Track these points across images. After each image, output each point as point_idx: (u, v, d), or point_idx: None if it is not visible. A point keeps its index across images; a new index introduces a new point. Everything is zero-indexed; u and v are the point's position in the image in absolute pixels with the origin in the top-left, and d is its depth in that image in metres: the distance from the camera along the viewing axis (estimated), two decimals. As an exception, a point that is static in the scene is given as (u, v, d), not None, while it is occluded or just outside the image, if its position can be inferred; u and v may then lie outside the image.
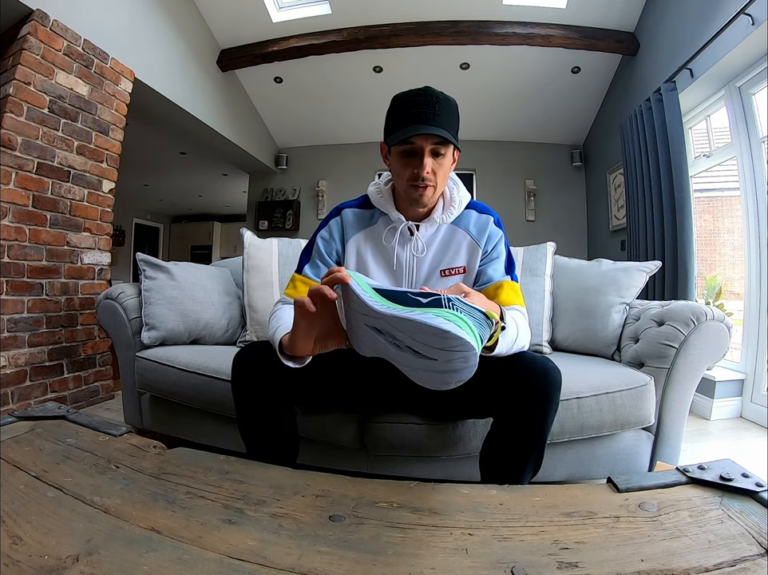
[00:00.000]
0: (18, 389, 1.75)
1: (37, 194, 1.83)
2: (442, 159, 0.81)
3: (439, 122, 0.76)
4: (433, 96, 0.77)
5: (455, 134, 0.80)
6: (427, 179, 0.80)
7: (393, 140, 0.79)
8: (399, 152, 0.82)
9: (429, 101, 0.77)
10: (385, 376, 0.92)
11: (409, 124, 0.77)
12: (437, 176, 0.82)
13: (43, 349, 1.87)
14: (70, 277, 2.00)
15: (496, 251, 0.91)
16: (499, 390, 0.74)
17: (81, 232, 2.05)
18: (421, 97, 0.77)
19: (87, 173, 2.06)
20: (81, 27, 2.00)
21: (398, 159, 0.83)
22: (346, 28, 3.08)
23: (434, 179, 0.81)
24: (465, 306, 0.51)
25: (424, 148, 0.78)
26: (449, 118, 0.78)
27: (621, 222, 3.19)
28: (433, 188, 0.82)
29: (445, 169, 0.83)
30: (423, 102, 0.77)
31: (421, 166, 0.79)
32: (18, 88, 1.73)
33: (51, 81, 1.86)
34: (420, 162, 0.79)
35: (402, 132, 0.77)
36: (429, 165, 0.79)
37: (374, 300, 0.52)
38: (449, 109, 0.79)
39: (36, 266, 1.83)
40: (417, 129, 0.76)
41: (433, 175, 0.80)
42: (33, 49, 1.79)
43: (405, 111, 0.78)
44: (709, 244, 2.59)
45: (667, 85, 2.33)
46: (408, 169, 0.81)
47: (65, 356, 1.97)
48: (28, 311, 1.80)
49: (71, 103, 1.96)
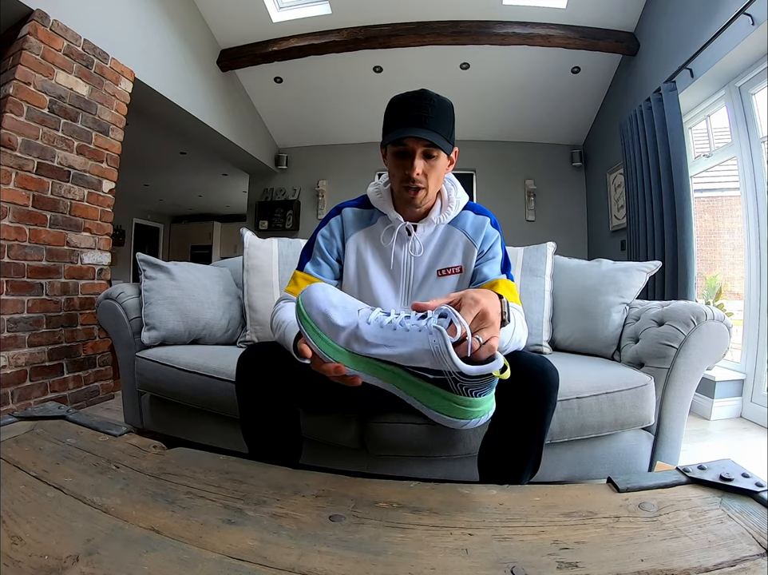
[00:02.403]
0: (18, 389, 1.75)
1: (37, 194, 1.83)
2: (435, 161, 0.81)
3: (431, 125, 0.77)
4: (428, 99, 0.78)
5: (449, 136, 0.80)
6: (418, 180, 0.81)
7: (385, 141, 0.81)
8: (393, 153, 0.83)
9: (422, 104, 0.77)
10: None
11: (401, 126, 0.78)
12: (429, 179, 0.82)
13: (43, 349, 1.87)
14: (70, 277, 2.00)
15: (493, 251, 0.92)
16: (497, 389, 0.74)
17: (81, 232, 2.05)
18: (415, 99, 0.78)
19: (87, 173, 2.06)
20: (81, 27, 2.00)
21: (392, 160, 0.84)
22: (346, 28, 3.08)
23: (425, 181, 0.82)
24: (474, 383, 0.47)
25: (415, 150, 0.79)
26: (443, 121, 0.79)
27: (621, 222, 3.19)
28: (424, 190, 0.83)
29: (438, 171, 0.83)
30: (417, 105, 0.78)
31: (411, 167, 0.80)
32: (18, 88, 1.73)
33: (51, 81, 1.86)
34: (411, 164, 0.80)
35: (394, 133, 0.78)
36: (420, 167, 0.80)
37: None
38: (444, 111, 0.79)
39: (36, 266, 1.83)
40: (407, 132, 0.77)
41: (424, 177, 0.81)
42: (33, 49, 1.79)
43: (400, 113, 0.80)
44: (709, 244, 2.59)
45: (667, 85, 2.33)
46: (400, 170, 0.82)
47: (65, 356, 1.97)
48: (28, 311, 1.80)
49: (71, 103, 1.96)
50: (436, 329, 0.47)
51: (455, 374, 0.46)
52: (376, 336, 0.50)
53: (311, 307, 0.52)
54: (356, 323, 0.51)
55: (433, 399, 0.49)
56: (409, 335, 0.49)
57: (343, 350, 0.52)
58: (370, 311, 0.54)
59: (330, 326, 0.51)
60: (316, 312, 0.52)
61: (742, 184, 2.09)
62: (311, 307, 0.52)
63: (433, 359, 0.47)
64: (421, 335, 0.48)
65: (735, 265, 2.33)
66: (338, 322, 0.51)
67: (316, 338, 0.52)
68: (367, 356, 0.51)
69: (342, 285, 0.97)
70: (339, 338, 0.51)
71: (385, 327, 0.50)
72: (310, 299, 0.53)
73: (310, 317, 0.52)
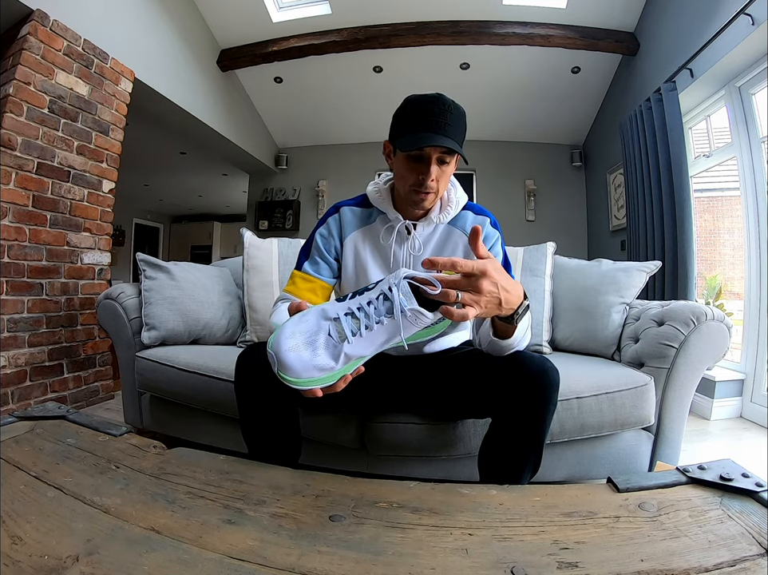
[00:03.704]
0: (18, 389, 1.75)
1: (37, 194, 1.83)
2: (447, 167, 0.82)
3: (449, 132, 0.77)
4: (446, 105, 0.77)
5: (462, 143, 0.81)
6: (431, 187, 0.81)
7: (404, 146, 0.78)
8: (405, 155, 0.82)
9: (441, 110, 0.77)
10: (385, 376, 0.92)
11: (420, 132, 0.77)
12: (440, 184, 0.83)
13: (43, 349, 1.87)
14: (70, 277, 2.00)
15: (493, 251, 0.92)
16: (497, 390, 0.74)
17: (81, 232, 2.05)
18: (434, 105, 0.77)
19: (87, 173, 2.06)
20: (81, 27, 2.00)
21: (404, 162, 0.83)
22: (346, 28, 3.08)
23: (437, 186, 0.82)
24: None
25: (431, 157, 0.79)
26: (459, 128, 0.79)
27: (621, 222, 3.19)
28: (434, 194, 0.84)
29: (447, 176, 0.84)
30: (436, 111, 0.77)
31: (427, 173, 0.79)
32: (18, 88, 1.73)
33: (51, 81, 1.86)
34: (426, 169, 0.79)
35: (413, 138, 0.77)
36: (435, 173, 0.80)
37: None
38: (459, 118, 0.79)
39: (36, 266, 1.83)
40: (429, 139, 0.76)
41: (436, 182, 0.81)
42: (33, 49, 1.79)
43: (418, 117, 0.78)
44: (709, 244, 2.59)
45: (667, 85, 2.33)
46: (413, 175, 0.82)
47: (65, 356, 1.97)
48: (28, 311, 1.80)
49: (71, 103, 1.96)
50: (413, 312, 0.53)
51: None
52: (366, 347, 0.55)
53: (299, 373, 0.52)
54: (342, 353, 0.53)
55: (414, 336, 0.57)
56: (388, 326, 0.54)
57: (346, 368, 0.55)
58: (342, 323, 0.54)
59: (326, 371, 0.53)
60: (310, 372, 0.52)
61: (742, 184, 2.09)
62: (299, 373, 0.52)
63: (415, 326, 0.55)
64: (397, 320, 0.54)
65: (735, 265, 2.33)
66: (332, 365, 0.53)
67: (320, 382, 0.54)
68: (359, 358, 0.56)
69: (340, 284, 0.97)
70: (338, 367, 0.54)
71: (366, 335, 0.54)
72: (294, 367, 0.52)
73: (306, 377, 0.53)
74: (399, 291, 0.53)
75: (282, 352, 0.52)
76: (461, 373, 0.84)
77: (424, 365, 0.91)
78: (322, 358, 0.52)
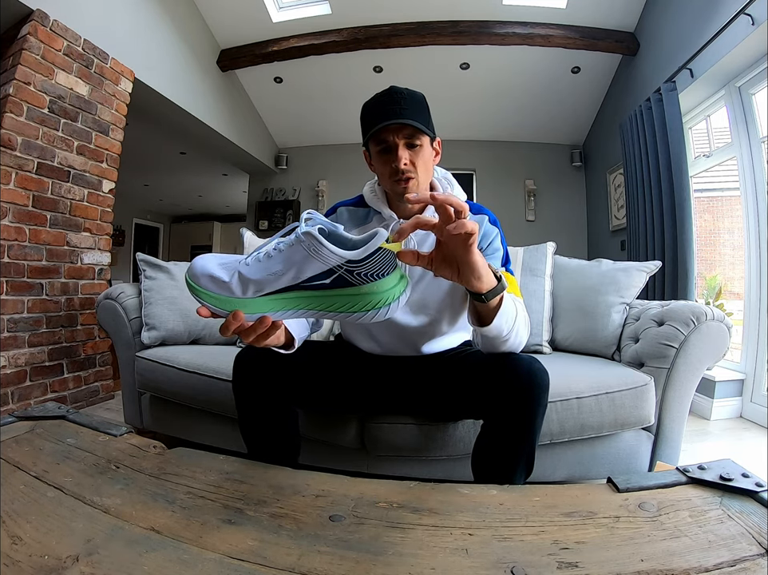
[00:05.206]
0: (18, 389, 1.75)
1: (37, 194, 1.83)
2: (420, 150, 0.81)
3: (406, 115, 0.77)
4: (399, 93, 0.79)
5: (427, 125, 0.80)
6: (406, 170, 0.80)
7: (366, 138, 0.81)
8: (376, 151, 0.83)
9: (394, 98, 0.78)
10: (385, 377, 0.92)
11: (378, 122, 0.78)
12: (417, 167, 0.81)
13: (43, 349, 1.87)
14: (70, 277, 2.00)
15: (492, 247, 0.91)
16: (486, 391, 0.73)
17: (81, 232, 2.05)
18: (387, 96, 0.79)
19: (87, 173, 2.06)
20: (81, 27, 2.00)
21: (377, 158, 0.84)
22: (346, 28, 3.08)
23: (414, 170, 0.81)
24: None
25: (397, 143, 0.79)
26: (418, 110, 0.79)
27: (621, 222, 3.19)
28: (415, 179, 0.82)
29: (425, 160, 0.82)
30: (388, 101, 0.78)
31: (397, 158, 0.79)
32: (18, 88, 1.73)
33: (51, 81, 1.86)
34: (395, 156, 0.79)
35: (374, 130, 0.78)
36: (406, 157, 0.79)
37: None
38: (416, 102, 0.80)
39: (36, 266, 1.83)
40: (385, 120, 0.77)
41: (412, 166, 0.80)
42: (33, 49, 1.79)
43: (374, 112, 0.80)
44: (709, 244, 2.59)
45: (666, 85, 2.33)
46: (387, 166, 0.81)
47: (65, 356, 1.97)
48: (28, 311, 1.80)
49: (71, 103, 1.96)
50: (304, 234, 0.48)
51: (344, 264, 0.48)
52: (259, 271, 0.51)
53: (197, 277, 0.52)
54: (237, 271, 0.51)
55: (342, 301, 0.50)
56: (286, 254, 0.50)
57: (241, 301, 0.52)
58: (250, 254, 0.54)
59: (219, 284, 0.52)
60: (203, 278, 0.52)
61: (742, 184, 2.09)
62: (197, 277, 0.52)
63: (317, 261, 0.48)
64: (295, 248, 0.49)
65: (735, 265, 2.33)
66: (224, 278, 0.52)
67: (211, 299, 0.52)
68: (264, 296, 0.51)
69: None
70: (232, 290, 0.51)
71: (263, 259, 0.51)
72: (195, 269, 0.53)
73: (200, 284, 0.52)
74: (303, 220, 0.51)
75: (194, 259, 0.53)
76: (455, 374, 0.84)
77: (423, 365, 0.91)
78: (220, 271, 0.52)
